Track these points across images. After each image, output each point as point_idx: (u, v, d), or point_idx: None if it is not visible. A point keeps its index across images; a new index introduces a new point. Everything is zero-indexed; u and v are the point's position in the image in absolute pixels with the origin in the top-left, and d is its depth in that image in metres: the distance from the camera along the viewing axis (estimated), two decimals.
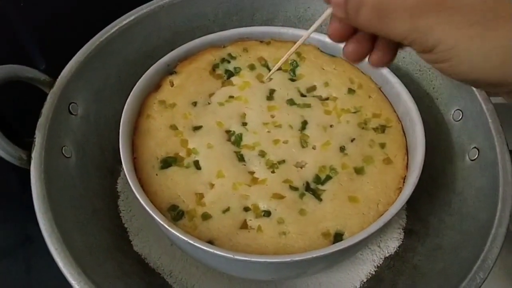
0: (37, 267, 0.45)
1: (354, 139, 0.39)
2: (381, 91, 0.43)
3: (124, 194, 0.43)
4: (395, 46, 0.28)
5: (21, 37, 0.53)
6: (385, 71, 0.42)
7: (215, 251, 0.31)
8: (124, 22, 0.44)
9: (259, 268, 0.34)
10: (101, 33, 0.42)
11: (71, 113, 0.40)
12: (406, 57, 0.46)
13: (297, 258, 0.31)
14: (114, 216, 0.41)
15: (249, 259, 0.31)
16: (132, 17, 0.44)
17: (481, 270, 0.32)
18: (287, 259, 0.31)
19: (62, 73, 0.40)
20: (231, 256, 0.31)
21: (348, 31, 0.28)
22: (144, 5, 0.45)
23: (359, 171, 0.38)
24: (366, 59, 0.29)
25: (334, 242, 0.34)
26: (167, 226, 0.32)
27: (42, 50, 0.54)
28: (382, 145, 0.39)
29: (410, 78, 0.46)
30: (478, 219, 0.36)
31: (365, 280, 0.40)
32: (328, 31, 0.28)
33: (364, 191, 0.37)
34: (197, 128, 0.40)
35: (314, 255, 0.31)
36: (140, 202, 0.34)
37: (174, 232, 0.32)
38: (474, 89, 0.40)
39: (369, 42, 0.28)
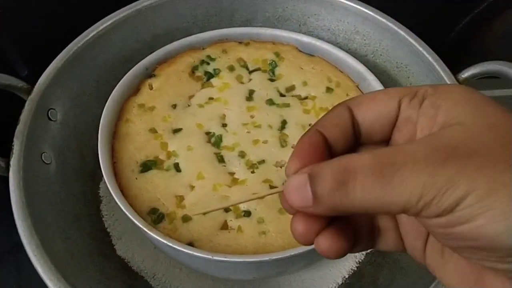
0: (27, 272, 0.45)
1: None
2: (358, 88, 0.43)
3: (107, 199, 0.43)
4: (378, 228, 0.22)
5: (2, 44, 0.53)
6: (362, 69, 0.43)
7: (194, 253, 0.32)
8: (102, 27, 0.44)
9: (239, 268, 0.34)
10: (78, 38, 0.42)
11: (50, 119, 0.40)
12: (384, 54, 0.47)
13: (275, 257, 0.31)
14: (97, 221, 0.42)
15: (228, 259, 0.31)
16: (109, 22, 0.44)
17: None
18: (266, 258, 0.31)
19: (39, 80, 0.40)
20: (210, 257, 0.31)
21: (322, 224, 0.20)
22: (122, 9, 0.45)
23: None
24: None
25: None
26: (146, 230, 0.33)
27: (23, 57, 0.53)
28: None
29: (387, 75, 0.47)
30: None
31: (347, 276, 0.40)
32: (295, 234, 0.20)
33: None
34: (177, 131, 0.40)
35: (292, 253, 0.32)
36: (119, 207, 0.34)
37: (153, 235, 0.32)
38: (449, 83, 0.41)
39: (349, 230, 0.21)
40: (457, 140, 0.17)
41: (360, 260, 0.41)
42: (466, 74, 0.41)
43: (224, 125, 0.40)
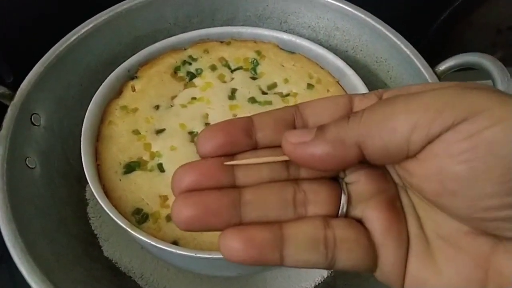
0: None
1: None
2: (339, 84, 0.44)
3: (93, 201, 0.44)
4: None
5: None
6: (342, 64, 0.43)
7: (178, 251, 0.32)
8: (83, 31, 0.44)
9: (223, 264, 0.34)
10: (59, 42, 0.43)
11: (33, 124, 0.41)
12: (364, 49, 0.48)
13: None
14: (83, 223, 0.42)
15: (211, 256, 0.32)
16: (91, 25, 0.44)
17: None
18: None
19: (22, 85, 0.40)
20: (193, 254, 0.32)
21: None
22: (102, 12, 0.45)
23: None
24: None
25: None
26: (130, 230, 0.33)
27: (8, 63, 0.54)
28: None
29: (368, 70, 0.47)
30: None
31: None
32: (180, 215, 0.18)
33: None
34: (160, 131, 0.40)
35: None
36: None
37: (137, 235, 0.33)
38: (428, 78, 0.41)
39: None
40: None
41: None
42: (443, 66, 0.41)
43: (207, 124, 0.41)
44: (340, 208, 0.19)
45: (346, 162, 0.18)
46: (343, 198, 0.19)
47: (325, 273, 0.41)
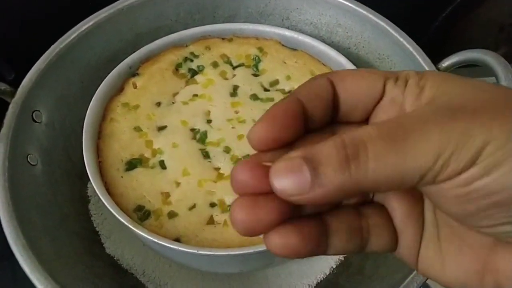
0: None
1: None
2: None
3: (95, 198, 0.44)
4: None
5: None
6: (344, 61, 0.43)
7: (180, 248, 0.32)
8: (84, 28, 0.44)
9: (225, 261, 0.34)
10: (60, 40, 0.43)
11: (35, 121, 0.41)
12: (366, 46, 0.47)
13: (259, 249, 0.32)
14: (85, 220, 0.42)
15: (213, 253, 0.32)
16: (92, 22, 0.44)
17: None
18: (250, 250, 0.32)
19: (23, 82, 0.40)
20: (195, 251, 0.32)
21: (277, 213, 0.17)
22: (103, 9, 0.45)
23: None
24: None
25: None
26: (132, 227, 0.33)
27: (10, 61, 0.54)
28: None
29: (370, 67, 0.47)
30: None
31: (334, 266, 0.41)
32: (237, 222, 0.17)
33: None
34: (161, 128, 0.40)
35: None
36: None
37: (139, 232, 0.33)
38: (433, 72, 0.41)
39: (315, 227, 0.18)
40: (457, 102, 0.17)
41: None
42: (446, 63, 0.41)
43: (209, 121, 0.41)
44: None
45: (345, 199, 0.19)
46: None
47: (327, 270, 0.41)
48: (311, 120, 0.19)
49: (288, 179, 0.16)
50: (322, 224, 0.18)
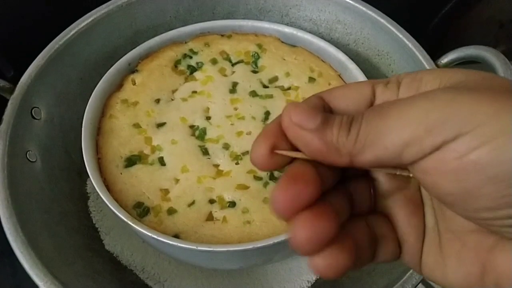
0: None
1: None
2: (340, 78, 0.44)
3: (94, 195, 0.44)
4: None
5: None
6: (344, 58, 0.43)
7: (179, 244, 0.32)
8: (83, 24, 0.44)
9: (224, 257, 0.34)
10: (59, 36, 0.42)
11: (34, 117, 0.40)
12: (365, 42, 0.47)
13: (259, 245, 0.32)
14: (84, 217, 0.42)
15: (212, 249, 0.32)
16: (90, 19, 0.44)
17: None
18: (250, 246, 0.32)
19: (22, 79, 0.40)
20: (195, 247, 0.32)
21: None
22: (102, 6, 0.45)
23: None
24: None
25: None
26: (131, 223, 0.33)
27: (9, 58, 0.53)
28: None
29: (369, 63, 0.47)
30: None
31: None
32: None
33: None
34: (160, 125, 0.40)
35: (276, 241, 0.32)
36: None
37: (138, 228, 0.33)
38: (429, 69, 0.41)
39: (349, 242, 0.18)
40: (458, 83, 0.17)
41: None
42: (445, 59, 0.41)
43: (208, 118, 0.41)
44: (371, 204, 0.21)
45: (335, 164, 0.19)
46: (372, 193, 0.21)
47: None
48: None
49: (301, 115, 0.18)
50: (351, 240, 0.19)
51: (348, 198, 0.20)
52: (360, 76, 0.41)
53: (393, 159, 0.17)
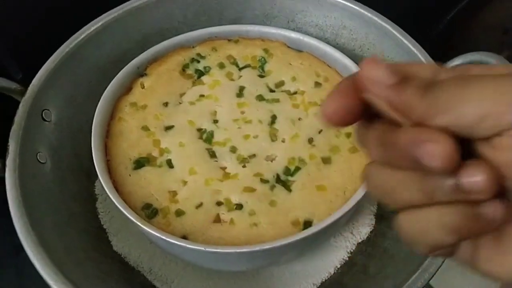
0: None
1: (321, 130, 0.40)
2: None
3: (102, 197, 0.44)
4: None
5: None
6: (349, 63, 0.44)
7: (187, 245, 0.32)
8: (92, 29, 0.44)
9: (231, 259, 0.35)
10: (69, 40, 0.43)
11: (44, 119, 0.41)
12: (371, 48, 0.48)
13: (266, 247, 0.32)
14: (93, 218, 0.42)
15: (219, 250, 0.32)
16: (100, 23, 0.45)
17: None
18: (257, 248, 0.32)
19: (33, 81, 0.41)
20: (202, 249, 0.32)
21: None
22: (112, 10, 0.45)
23: (326, 160, 0.39)
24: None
25: (303, 230, 0.35)
26: (140, 224, 0.34)
27: (17, 61, 0.54)
28: (348, 135, 0.40)
29: None
30: None
31: (339, 266, 0.41)
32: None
33: (331, 179, 0.38)
34: (169, 128, 0.41)
35: (283, 243, 0.32)
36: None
37: (147, 229, 0.33)
38: None
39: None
40: None
41: (352, 250, 0.42)
42: (450, 65, 0.42)
43: (215, 122, 0.41)
44: None
45: (403, 118, 0.19)
46: None
47: (332, 270, 0.41)
48: None
49: (380, 70, 0.18)
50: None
51: None
52: None
53: (465, 129, 0.17)
